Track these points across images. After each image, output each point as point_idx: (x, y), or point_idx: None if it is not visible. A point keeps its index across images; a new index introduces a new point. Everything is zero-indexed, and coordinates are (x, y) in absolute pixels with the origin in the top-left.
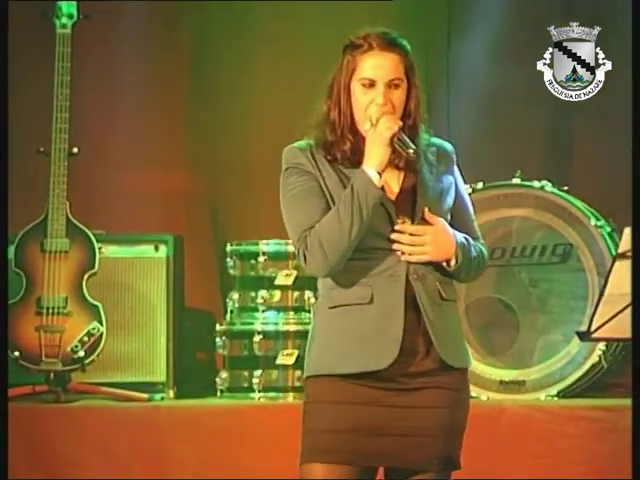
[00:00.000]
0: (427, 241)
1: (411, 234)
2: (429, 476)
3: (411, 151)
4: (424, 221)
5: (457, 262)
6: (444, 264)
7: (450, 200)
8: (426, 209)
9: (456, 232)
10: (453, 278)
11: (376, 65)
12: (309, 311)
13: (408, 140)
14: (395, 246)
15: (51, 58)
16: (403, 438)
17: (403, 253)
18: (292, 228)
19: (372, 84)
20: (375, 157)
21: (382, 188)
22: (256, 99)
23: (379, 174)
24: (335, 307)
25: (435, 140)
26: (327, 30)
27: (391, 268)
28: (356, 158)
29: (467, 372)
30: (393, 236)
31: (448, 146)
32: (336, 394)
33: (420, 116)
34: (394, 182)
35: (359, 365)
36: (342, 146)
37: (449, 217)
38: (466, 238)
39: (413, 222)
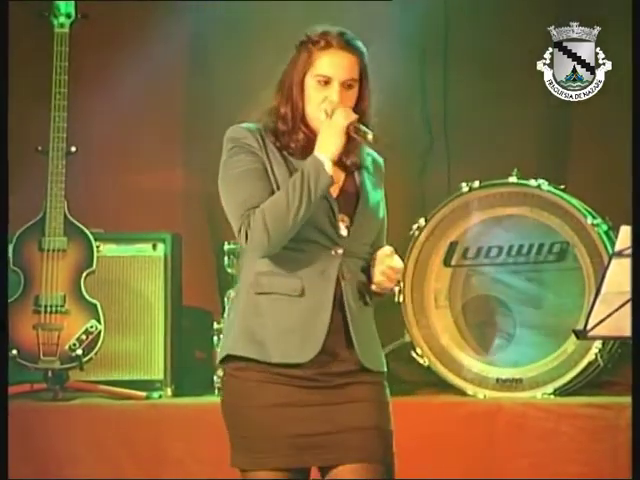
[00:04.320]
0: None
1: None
2: (370, 470)
3: (370, 136)
4: (363, 221)
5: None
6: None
7: (383, 211)
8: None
9: None
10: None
11: (334, 63)
12: None
13: (364, 128)
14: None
15: (49, 57)
16: (339, 434)
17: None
18: (234, 205)
19: (327, 82)
20: (329, 145)
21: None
22: (254, 98)
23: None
24: (262, 293)
25: (370, 151)
26: None
27: (323, 265)
28: (308, 150)
29: (384, 375)
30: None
31: (380, 159)
32: (262, 397)
33: (369, 119)
34: (336, 181)
35: (280, 356)
36: (295, 135)
37: (379, 227)
38: None
39: (352, 222)
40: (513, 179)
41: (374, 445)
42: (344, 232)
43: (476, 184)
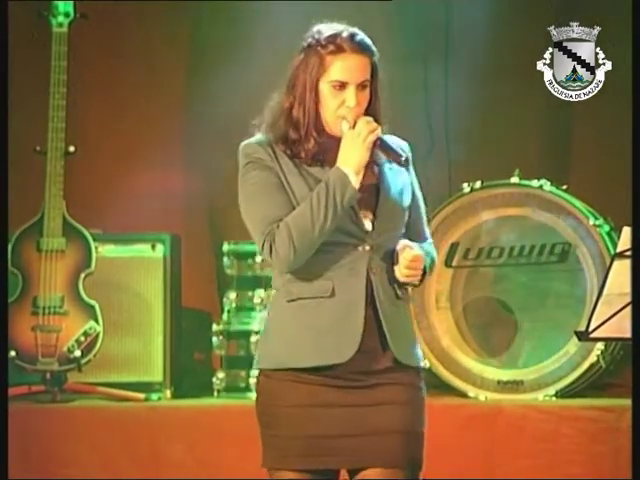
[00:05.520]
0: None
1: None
2: (394, 475)
3: (403, 158)
4: (386, 213)
5: (421, 282)
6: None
7: (408, 198)
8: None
9: (420, 248)
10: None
11: (348, 68)
12: None
13: (394, 146)
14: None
15: (48, 57)
16: (368, 437)
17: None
18: (255, 222)
19: (342, 86)
20: (354, 158)
21: None
22: (255, 98)
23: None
24: (293, 300)
25: (393, 138)
26: None
27: (352, 263)
28: (320, 157)
29: (421, 371)
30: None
31: (405, 144)
32: (295, 397)
33: (381, 115)
34: None
35: (316, 359)
36: (306, 144)
37: (407, 215)
38: (426, 252)
39: (375, 216)
40: (515, 179)
41: (401, 450)
42: (369, 227)
43: (477, 184)
